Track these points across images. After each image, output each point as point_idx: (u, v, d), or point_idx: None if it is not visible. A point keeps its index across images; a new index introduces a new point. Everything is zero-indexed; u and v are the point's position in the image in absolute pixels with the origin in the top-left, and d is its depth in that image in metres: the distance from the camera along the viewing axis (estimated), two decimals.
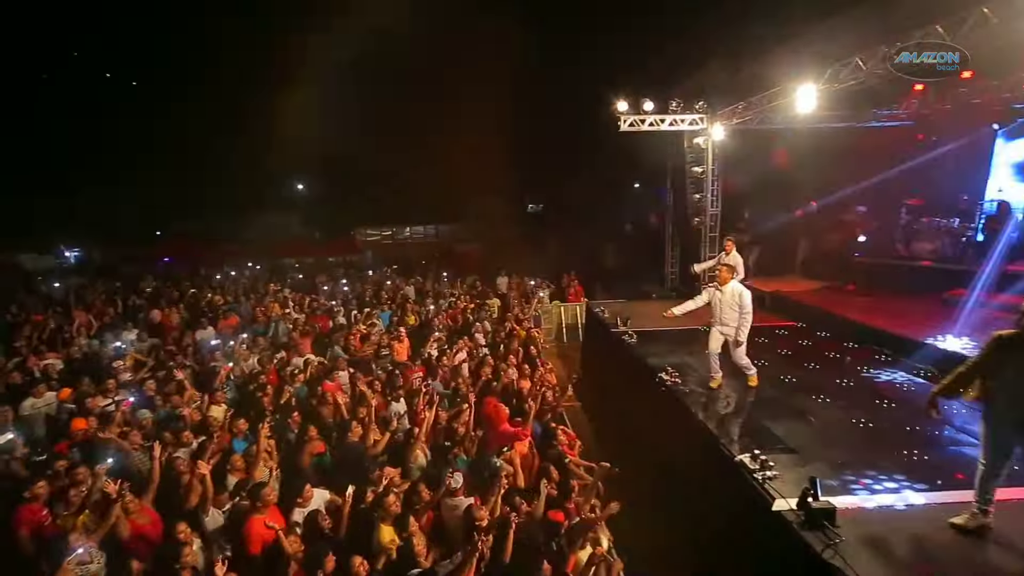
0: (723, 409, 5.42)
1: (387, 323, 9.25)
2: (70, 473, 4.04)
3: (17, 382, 6.28)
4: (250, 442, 4.66)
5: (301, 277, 15.18)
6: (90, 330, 8.47)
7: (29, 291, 13.10)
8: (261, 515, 3.69)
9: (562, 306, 12.80)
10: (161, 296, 11.43)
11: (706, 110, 10.96)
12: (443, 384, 6.44)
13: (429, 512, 3.91)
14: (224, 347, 7.52)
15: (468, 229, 30.06)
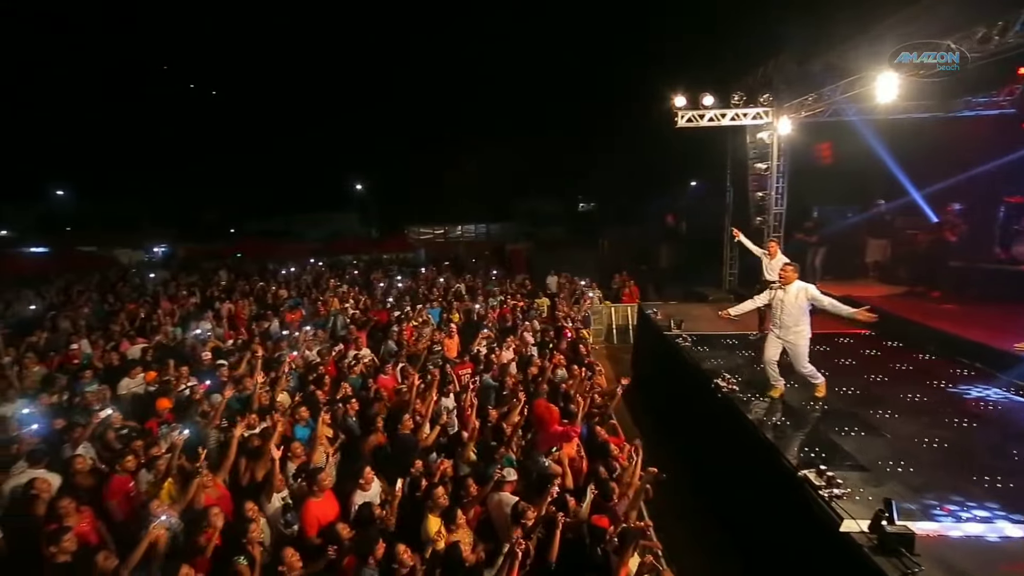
0: (785, 420, 5.10)
1: (437, 320, 9.47)
2: (155, 448, 4.47)
3: (114, 364, 7.00)
4: (311, 429, 4.93)
5: (357, 273, 15.82)
6: (174, 319, 9.28)
7: (124, 283, 14.56)
8: (317, 499, 3.90)
9: (612, 307, 12.57)
10: (234, 289, 12.34)
11: (771, 103, 10.35)
12: (493, 380, 6.51)
13: (476, 507, 3.97)
14: (288, 338, 7.99)
15: (518, 228, 30.20)
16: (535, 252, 21.05)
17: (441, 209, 32.26)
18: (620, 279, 13.85)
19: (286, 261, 18.79)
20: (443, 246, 26.65)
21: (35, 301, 11.68)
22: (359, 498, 4.00)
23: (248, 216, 33.12)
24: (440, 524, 3.63)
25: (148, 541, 3.29)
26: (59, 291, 13.09)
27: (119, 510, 4.07)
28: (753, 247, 7.98)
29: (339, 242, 24.69)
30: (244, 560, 3.35)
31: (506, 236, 27.47)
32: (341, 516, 3.88)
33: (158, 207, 32.15)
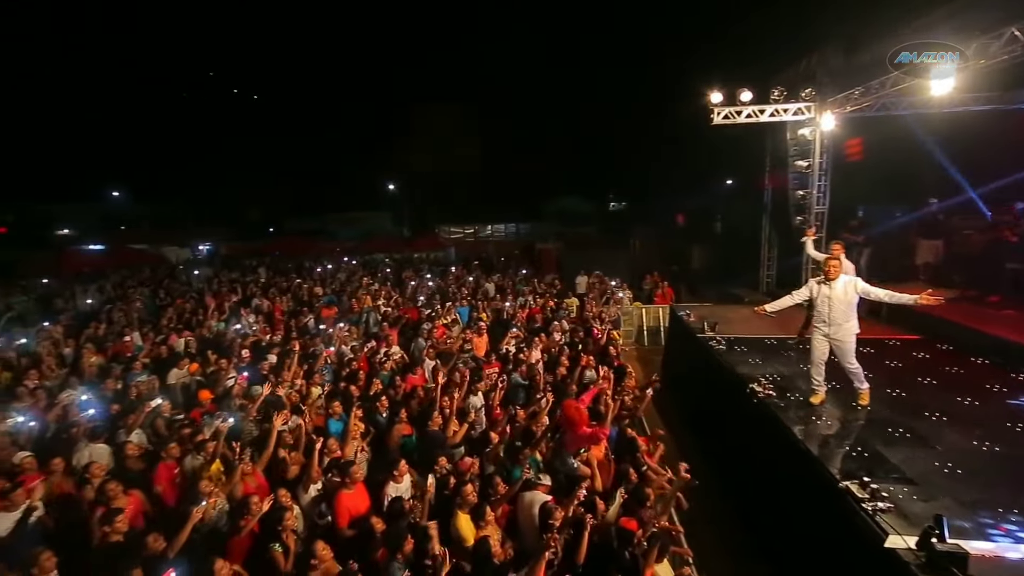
0: (825, 428, 4.90)
1: (466, 318, 9.55)
2: (199, 436, 4.70)
3: (162, 356, 7.39)
4: (344, 423, 5.06)
5: (389, 271, 16.13)
6: (217, 314, 9.70)
7: (172, 279, 15.34)
8: (349, 491, 4.00)
9: (643, 308, 12.36)
10: (272, 286, 12.81)
11: (814, 98, 9.94)
12: (521, 380, 6.52)
13: (504, 505, 3.98)
14: (323, 334, 8.22)
15: (548, 227, 30.11)
16: (565, 252, 20.93)
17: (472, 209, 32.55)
18: (652, 280, 13.59)
19: (321, 259, 19.37)
20: (473, 245, 26.84)
21: (93, 295, 12.46)
22: (392, 490, 4.08)
23: (286, 215, 34.34)
24: (470, 522, 3.66)
25: (192, 523, 3.46)
26: (114, 286, 13.92)
27: (166, 495, 4.30)
28: (816, 253, 7.60)
29: (372, 241, 25.24)
30: (279, 547, 3.48)
31: (536, 236, 27.43)
32: (373, 508, 3.98)
33: (203, 207, 33.79)
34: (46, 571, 3.14)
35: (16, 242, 26.73)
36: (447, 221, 31.18)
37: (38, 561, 3.13)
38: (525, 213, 32.56)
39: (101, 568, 3.28)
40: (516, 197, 33.27)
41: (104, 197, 34.05)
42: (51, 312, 10.80)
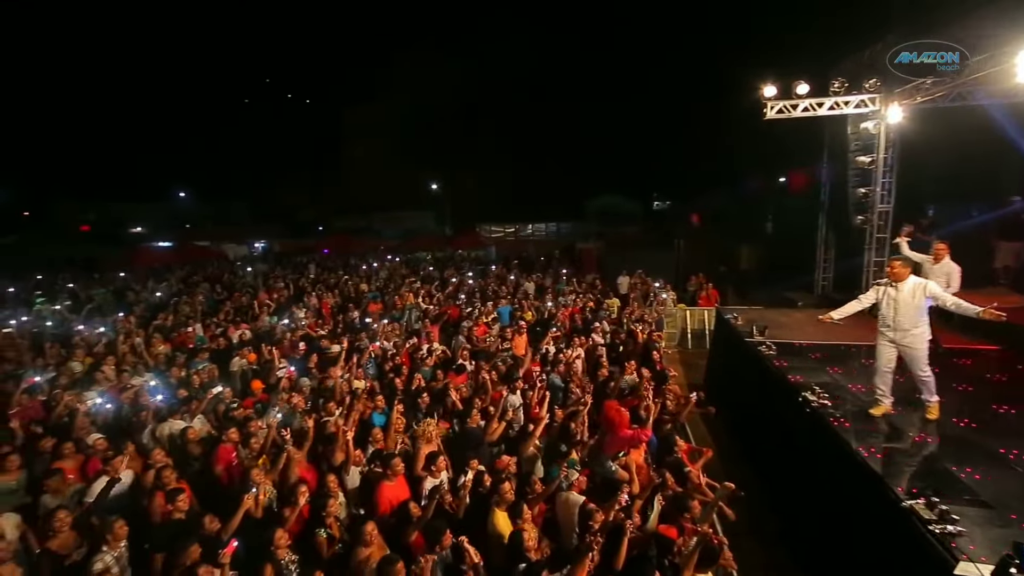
0: (888, 442, 4.57)
1: (507, 318, 9.59)
2: (253, 424, 4.96)
3: (221, 347, 7.86)
4: (386, 416, 5.20)
5: (432, 269, 16.44)
6: (270, 308, 10.22)
7: (231, 274, 16.30)
8: (391, 482, 4.11)
9: (688, 310, 11.99)
10: (320, 282, 13.36)
11: (879, 88, 9.27)
12: (560, 380, 6.48)
13: (541, 505, 3.97)
14: (368, 329, 8.49)
15: (589, 227, 29.79)
16: (606, 252, 20.63)
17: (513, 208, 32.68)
18: (697, 281, 13.17)
19: (367, 257, 20.01)
20: (514, 244, 26.94)
21: (162, 288, 13.43)
22: (430, 484, 4.16)
23: (334, 215, 35.75)
24: (507, 519, 3.67)
25: (244, 508, 3.66)
26: (180, 280, 14.94)
27: (224, 477, 4.57)
28: (913, 254, 6.88)
29: (415, 239, 25.82)
30: (324, 533, 3.63)
31: (577, 235, 27.21)
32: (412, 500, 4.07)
33: (259, 207, 35.75)
34: (118, 538, 3.43)
35: (97, 239, 29.29)
36: (488, 220, 31.44)
37: (112, 528, 3.43)
38: (566, 212, 32.37)
39: (163, 542, 3.53)
40: (557, 196, 33.13)
41: (172, 198, 36.78)
42: (125, 304, 11.74)
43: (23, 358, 7.27)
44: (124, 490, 4.17)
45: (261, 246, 27.97)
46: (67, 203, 34.25)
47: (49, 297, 12.57)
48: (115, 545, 3.42)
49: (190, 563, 3.16)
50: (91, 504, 3.91)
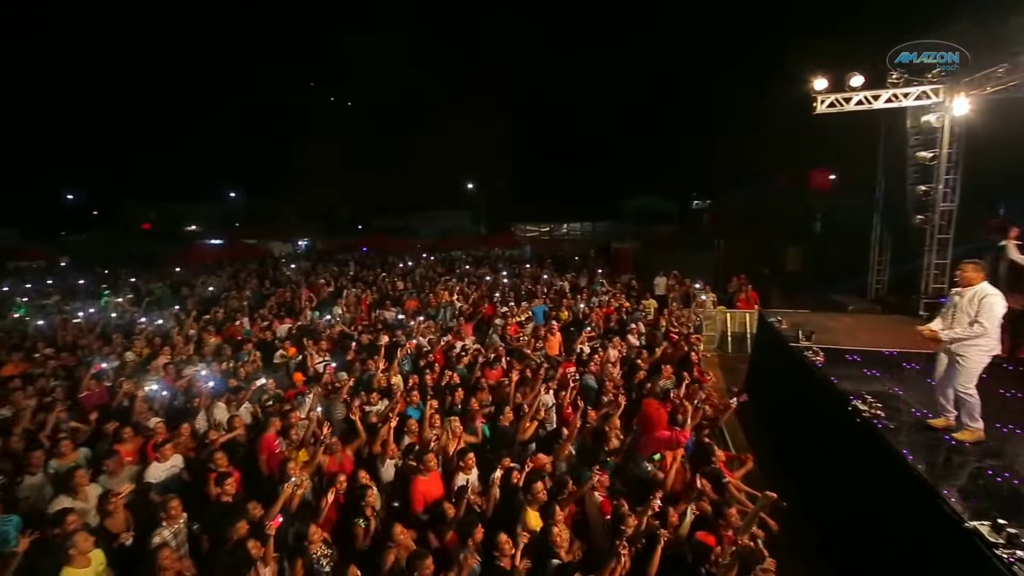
0: (948, 457, 4.26)
1: (541, 317, 9.56)
2: (294, 415, 5.15)
3: (266, 339, 8.21)
4: (421, 411, 5.29)
5: (468, 267, 16.60)
6: (312, 304, 10.60)
7: (276, 271, 17.01)
8: (424, 477, 4.18)
9: (728, 312, 11.58)
10: (359, 279, 13.74)
11: (944, 78, 8.65)
12: (594, 381, 6.41)
13: (572, 505, 3.93)
14: (404, 326, 8.66)
15: (625, 226, 29.32)
16: (642, 252, 20.23)
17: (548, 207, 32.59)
18: (737, 282, 12.68)
19: (404, 255, 20.44)
20: (548, 243, 26.87)
21: (213, 283, 14.18)
22: (461, 480, 4.20)
23: (374, 214, 36.75)
24: (539, 519, 3.66)
25: (284, 497, 3.81)
26: (229, 276, 15.73)
27: (267, 465, 4.77)
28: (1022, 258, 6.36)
29: (451, 238, 26.15)
30: (362, 522, 3.73)
31: (612, 235, 26.83)
32: (445, 495, 4.12)
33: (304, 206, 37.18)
34: (174, 517, 3.65)
35: (156, 237, 31.30)
36: (523, 220, 31.47)
37: (168, 507, 3.65)
38: (602, 212, 31.98)
39: (211, 522, 3.73)
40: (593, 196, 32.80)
41: (224, 198, 38.82)
42: (180, 297, 12.47)
43: (91, 347, 7.85)
44: (178, 472, 4.42)
45: (304, 244, 29.08)
46: (131, 203, 36.76)
47: (114, 290, 13.52)
48: (172, 522, 3.63)
49: (238, 538, 3.32)
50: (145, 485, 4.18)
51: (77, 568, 3.17)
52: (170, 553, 3.26)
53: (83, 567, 3.20)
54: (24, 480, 4.20)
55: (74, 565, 3.16)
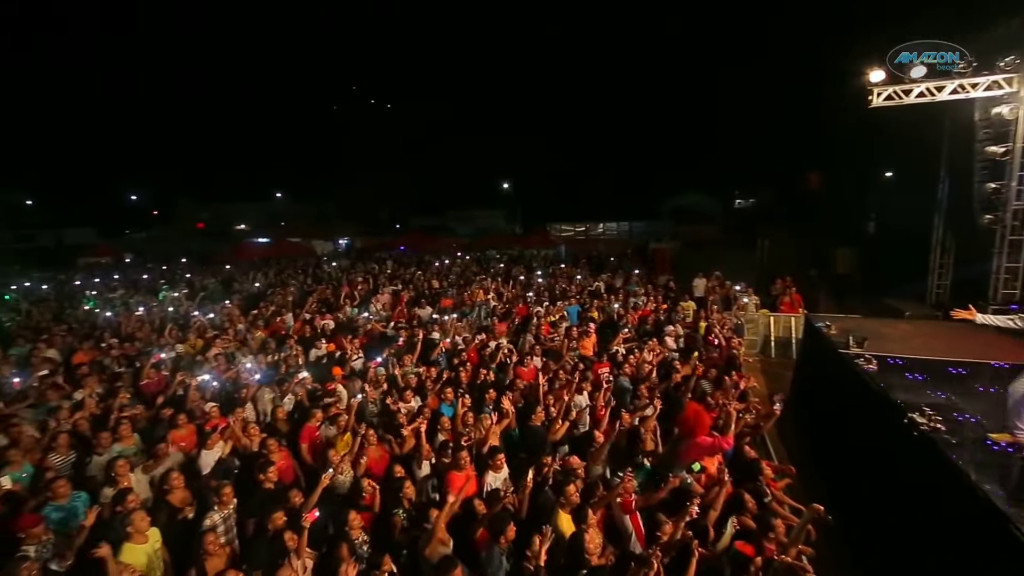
0: (1019, 477, 3.93)
1: (575, 317, 9.48)
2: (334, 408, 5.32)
3: (307, 335, 8.51)
4: (454, 409, 5.35)
5: (502, 266, 16.66)
6: (352, 300, 10.91)
7: (318, 268, 17.63)
8: (460, 472, 4.22)
9: (771, 316, 11.11)
10: (396, 277, 14.04)
11: (1018, 66, 7.97)
12: (628, 383, 6.30)
13: (603, 509, 3.87)
14: (439, 323, 8.78)
15: (664, 226, 28.63)
16: (681, 252, 19.73)
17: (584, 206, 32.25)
18: (782, 284, 12.10)
19: (439, 254, 20.74)
20: (583, 243, 26.58)
21: (260, 280, 14.85)
22: (491, 478, 4.22)
23: (411, 213, 37.53)
24: (571, 522, 3.63)
25: (323, 485, 3.93)
26: (275, 273, 16.42)
27: (307, 454, 4.96)
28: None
29: (486, 238, 26.32)
30: (401, 513, 3.82)
31: (650, 234, 26.27)
32: (477, 493, 4.15)
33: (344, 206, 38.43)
34: (225, 503, 3.85)
35: (209, 235, 33.12)
36: (558, 219, 31.25)
37: (220, 492, 3.87)
38: (639, 211, 31.30)
39: (254, 509, 3.90)
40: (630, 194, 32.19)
41: (270, 198, 40.71)
42: (230, 293, 13.12)
43: (151, 338, 8.38)
44: (226, 459, 4.66)
45: (344, 242, 29.99)
46: (187, 203, 39.06)
47: (171, 285, 14.40)
48: (223, 507, 3.83)
49: (274, 529, 3.47)
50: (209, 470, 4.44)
51: (136, 544, 3.41)
52: (214, 538, 3.43)
53: (141, 544, 3.44)
54: (93, 459, 4.54)
55: (133, 541, 3.40)
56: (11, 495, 3.95)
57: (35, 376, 6.41)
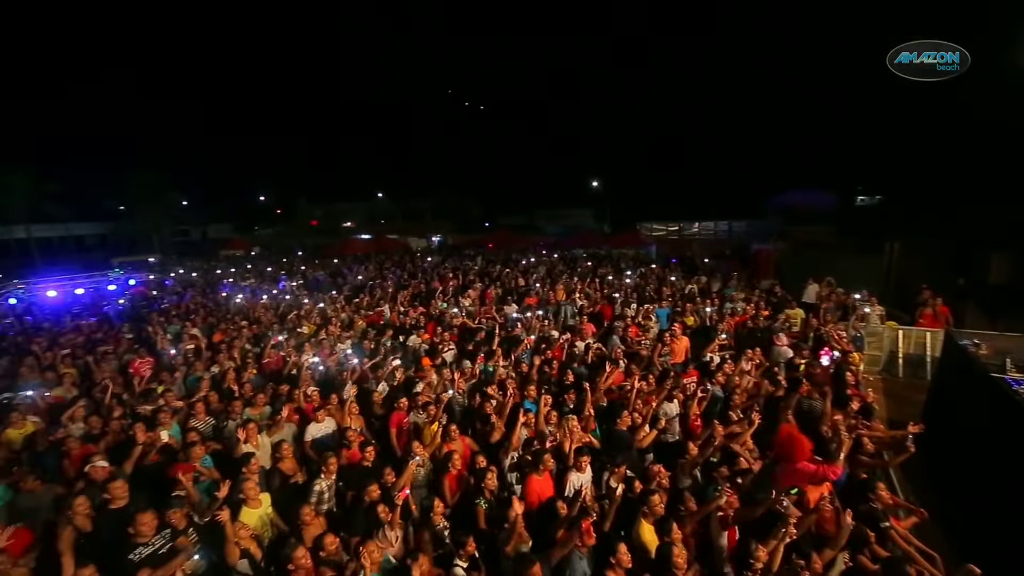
0: None
1: (665, 321, 9.05)
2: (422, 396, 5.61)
3: (402, 325, 9.08)
4: (536, 406, 5.37)
5: (590, 265, 16.41)
6: (442, 295, 11.42)
7: (413, 263, 18.74)
8: (539, 476, 4.23)
9: (900, 330, 9.67)
10: (484, 275, 14.44)
11: None
12: (722, 393, 5.88)
13: (693, 525, 3.65)
14: (524, 321, 8.87)
15: (769, 225, 26.18)
16: (789, 255, 17.95)
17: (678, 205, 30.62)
18: (928, 293, 10.26)
19: (527, 252, 20.97)
20: (677, 243, 25.25)
21: (362, 273, 16.15)
22: (575, 479, 4.17)
23: (500, 211, 38.46)
24: (654, 533, 3.48)
25: (411, 472, 4.17)
26: (375, 267, 17.75)
27: (397, 439, 5.28)
28: None
29: (573, 237, 26.12)
30: (483, 503, 3.94)
31: (753, 234, 24.20)
32: (557, 494, 4.13)
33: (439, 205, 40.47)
34: (330, 473, 4.25)
35: (321, 232, 36.81)
36: (650, 217, 29.97)
37: (328, 463, 4.28)
38: (741, 209, 28.89)
39: (352, 482, 4.25)
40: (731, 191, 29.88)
41: (372, 198, 44.27)
42: (337, 285, 14.43)
43: (272, 323, 9.50)
44: (330, 433, 5.13)
45: (437, 239, 31.54)
46: (304, 203, 43.72)
47: (289, 276, 16.20)
48: (328, 476, 4.23)
49: (371, 501, 3.76)
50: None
51: (252, 509, 3.89)
52: (309, 510, 3.77)
53: (255, 508, 3.93)
54: (227, 424, 5.26)
55: (249, 506, 3.89)
56: (167, 447, 4.72)
57: (184, 349, 7.59)
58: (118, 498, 3.72)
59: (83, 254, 30.93)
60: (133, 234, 32.53)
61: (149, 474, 4.35)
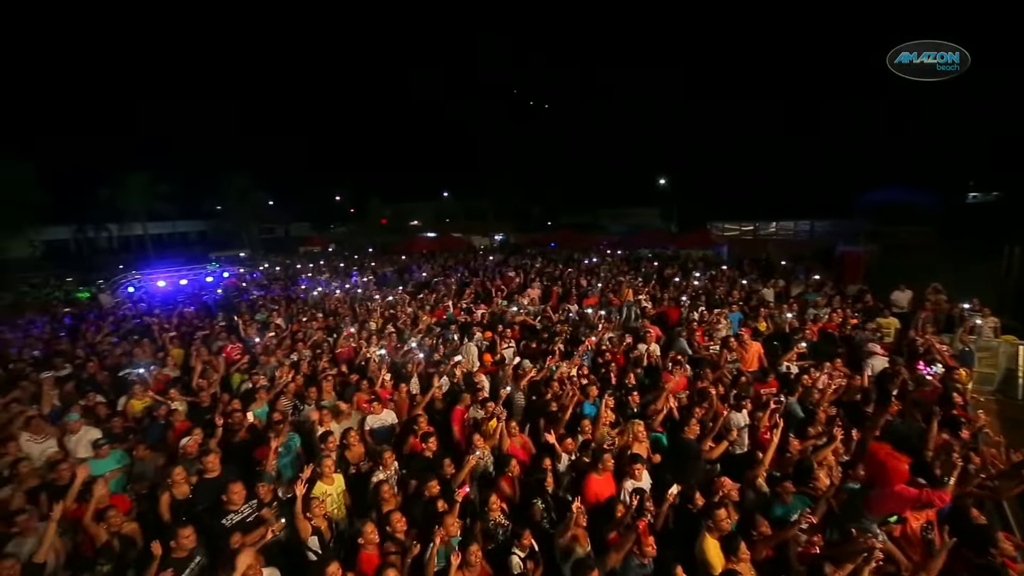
0: None
1: (737, 326, 8.53)
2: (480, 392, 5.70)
3: (465, 322, 9.26)
4: (597, 408, 5.27)
5: (657, 266, 15.85)
6: (502, 293, 11.52)
7: (476, 261, 19.09)
8: (599, 476, 4.15)
9: (1020, 345, 8.45)
10: (544, 273, 14.39)
11: None
12: (800, 405, 5.45)
13: (768, 550, 3.40)
14: (586, 321, 8.73)
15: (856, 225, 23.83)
16: (881, 258, 16.29)
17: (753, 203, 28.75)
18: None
19: (589, 251, 20.64)
20: (751, 244, 23.69)
21: (427, 270, 16.70)
22: (630, 486, 4.04)
23: (563, 210, 38.19)
24: (719, 550, 3.29)
25: (470, 466, 4.23)
26: (439, 264, 18.27)
27: (458, 433, 5.39)
28: None
29: (638, 236, 25.34)
30: (540, 503, 3.92)
31: (839, 235, 22.13)
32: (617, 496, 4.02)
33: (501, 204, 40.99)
34: (387, 466, 4.41)
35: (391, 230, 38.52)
36: (721, 217, 28.34)
37: (383, 456, 4.44)
38: (825, 208, 26.51)
39: (415, 472, 4.39)
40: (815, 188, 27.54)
41: (438, 198, 45.76)
42: (403, 281, 15.02)
43: (345, 315, 10.06)
44: (391, 424, 5.33)
45: (500, 238, 31.91)
46: (376, 202, 46.02)
47: (360, 272, 17.09)
48: (388, 467, 4.41)
49: (429, 495, 3.86)
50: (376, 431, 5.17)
51: (326, 484, 4.14)
52: (389, 488, 4.00)
53: (329, 484, 4.17)
54: (305, 408, 5.64)
55: (324, 481, 4.14)
56: (253, 427, 5.15)
57: (269, 337, 8.23)
58: (211, 470, 4.16)
59: (186, 249, 34.82)
60: (227, 231, 35.96)
61: (236, 451, 4.78)
